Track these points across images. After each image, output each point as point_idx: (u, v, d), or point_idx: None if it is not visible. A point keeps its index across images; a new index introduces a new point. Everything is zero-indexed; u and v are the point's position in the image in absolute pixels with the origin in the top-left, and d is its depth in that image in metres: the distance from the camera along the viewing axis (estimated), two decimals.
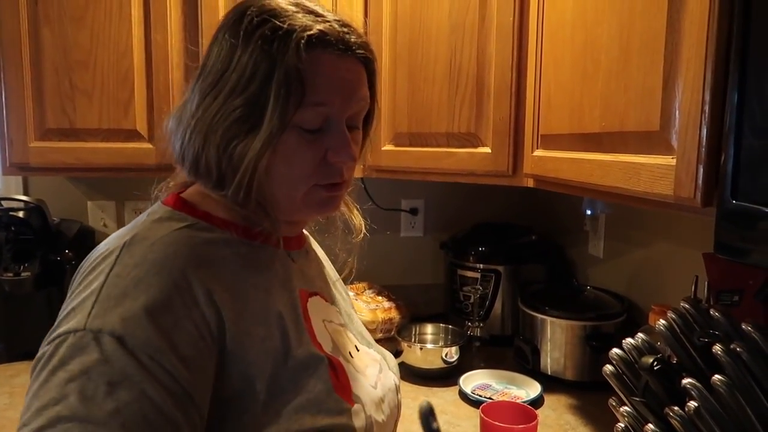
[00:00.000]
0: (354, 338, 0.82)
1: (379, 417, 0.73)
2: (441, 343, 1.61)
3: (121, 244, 0.63)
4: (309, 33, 0.64)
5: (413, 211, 1.95)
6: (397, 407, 0.82)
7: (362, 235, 0.83)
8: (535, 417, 1.02)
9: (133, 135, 1.50)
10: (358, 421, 0.68)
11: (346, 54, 0.67)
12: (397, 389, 0.83)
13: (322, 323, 0.75)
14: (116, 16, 1.45)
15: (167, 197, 0.72)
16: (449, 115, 1.40)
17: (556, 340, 1.45)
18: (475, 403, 1.34)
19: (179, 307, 0.59)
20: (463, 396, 1.39)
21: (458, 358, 1.49)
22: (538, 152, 1.23)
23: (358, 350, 0.80)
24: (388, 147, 1.49)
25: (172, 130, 0.72)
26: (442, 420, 1.28)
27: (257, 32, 0.64)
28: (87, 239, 1.71)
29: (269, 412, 0.63)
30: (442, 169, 1.42)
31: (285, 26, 0.64)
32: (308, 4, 0.68)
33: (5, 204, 1.53)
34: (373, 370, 0.79)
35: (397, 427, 0.83)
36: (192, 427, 0.58)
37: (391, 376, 0.83)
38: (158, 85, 1.49)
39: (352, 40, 0.68)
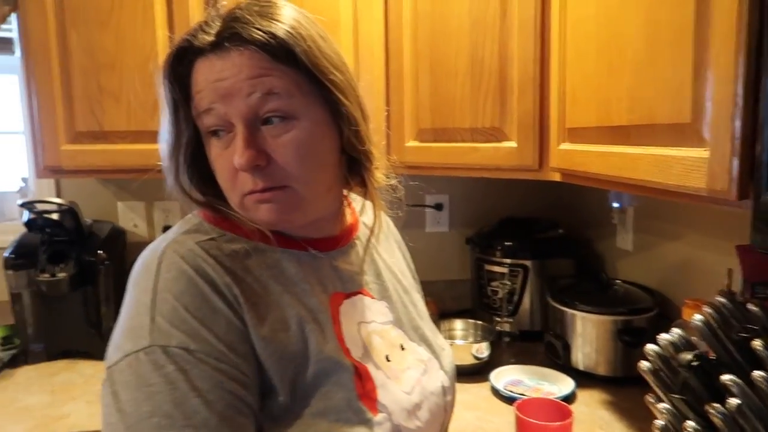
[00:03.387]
0: (401, 336, 0.80)
1: (412, 424, 0.72)
2: (471, 339, 1.61)
3: (156, 259, 0.66)
4: (170, 53, 0.67)
5: (438, 207, 1.94)
6: (444, 409, 0.80)
7: (372, 238, 0.80)
8: (569, 414, 1.01)
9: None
10: (381, 431, 0.67)
11: (222, 53, 0.65)
12: (445, 391, 0.81)
13: (355, 326, 0.74)
14: (140, 18, 1.47)
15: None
16: (473, 110, 1.39)
17: (587, 335, 1.43)
18: (507, 399, 1.33)
19: (225, 311, 0.64)
20: (495, 392, 1.38)
21: (488, 354, 1.49)
22: (565, 146, 1.21)
23: (403, 349, 0.78)
24: (413, 143, 1.49)
25: None
26: (473, 416, 1.28)
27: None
28: (118, 240, 1.75)
29: (290, 416, 0.64)
30: (467, 165, 1.41)
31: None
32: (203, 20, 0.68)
33: (40, 206, 1.56)
34: (413, 373, 0.76)
35: (447, 429, 0.82)
36: (257, 408, 0.64)
37: (439, 378, 0.80)
38: None
39: (210, 36, 0.65)
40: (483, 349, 1.49)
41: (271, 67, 0.65)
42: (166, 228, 1.83)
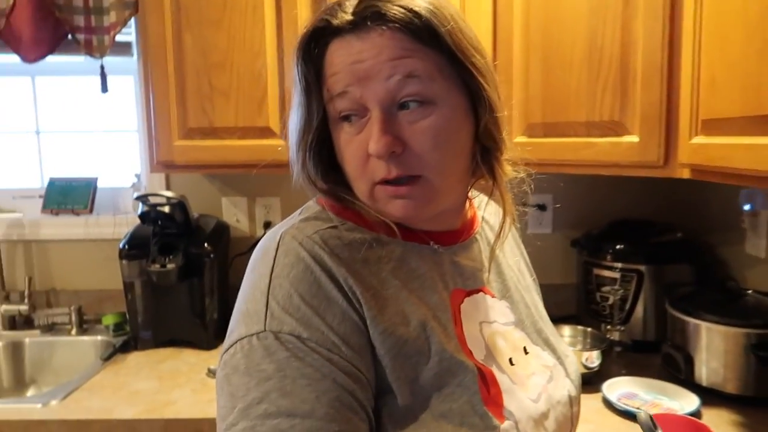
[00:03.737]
0: (524, 339, 0.75)
1: None
2: (580, 347, 1.51)
3: (275, 244, 0.65)
4: (305, 33, 0.65)
5: (541, 207, 1.85)
6: (571, 420, 0.74)
7: (498, 242, 0.75)
8: None
9: (266, 132, 1.54)
10: None
11: (361, 33, 0.62)
12: (572, 401, 0.74)
13: (477, 326, 0.70)
14: (251, 18, 1.50)
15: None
16: (589, 102, 1.30)
17: (714, 348, 1.30)
18: (622, 413, 1.23)
19: (340, 301, 0.61)
20: (608, 404, 1.28)
21: (599, 364, 1.39)
22: (698, 139, 1.10)
23: (526, 353, 0.73)
24: (521, 139, 1.42)
25: None
26: (586, 430, 1.19)
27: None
28: (223, 234, 1.79)
29: (410, 417, 0.61)
30: (581, 161, 1.32)
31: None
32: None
33: (152, 200, 1.63)
34: (538, 380, 0.71)
35: None
36: (371, 406, 0.60)
37: (565, 386, 0.74)
38: (289, 83, 1.52)
39: (348, 15, 0.62)
40: (594, 358, 1.39)
41: (414, 48, 0.61)
42: (267, 224, 1.87)
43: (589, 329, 1.54)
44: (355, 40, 0.62)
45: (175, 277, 1.61)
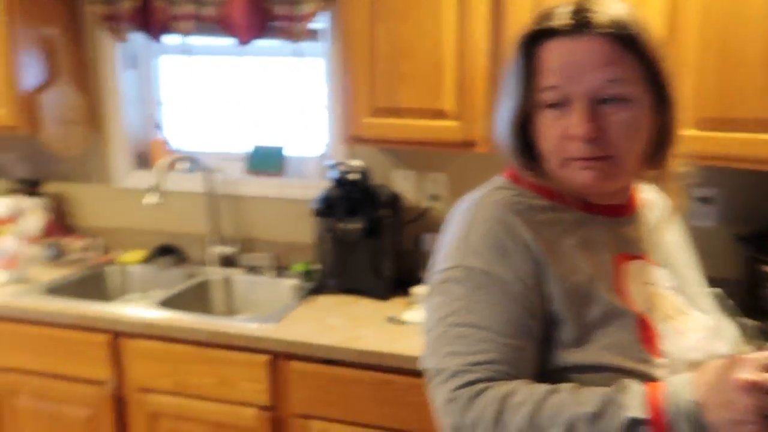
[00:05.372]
0: (684, 302, 0.85)
1: None
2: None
3: (474, 204, 0.84)
4: (527, 32, 0.79)
5: (705, 200, 1.86)
6: None
7: (662, 221, 0.88)
8: None
9: (443, 114, 1.72)
10: (660, 374, 0.74)
11: (575, 37, 0.75)
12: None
13: (639, 285, 0.82)
14: (434, 11, 1.67)
15: (507, 170, 0.89)
16: (765, 100, 1.34)
17: None
18: None
19: (517, 250, 0.79)
20: None
21: None
22: None
23: (686, 314, 0.84)
24: (692, 132, 1.47)
25: None
26: None
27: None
28: (397, 202, 2.02)
29: (578, 345, 0.77)
30: (754, 157, 1.38)
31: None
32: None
33: (341, 168, 1.90)
34: (696, 335, 0.81)
35: None
36: (538, 333, 0.77)
37: (721, 346, 0.83)
38: (466, 70, 1.68)
39: (566, 20, 0.75)
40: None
41: (618, 55, 0.75)
42: (433, 197, 2.06)
43: (757, 322, 1.58)
44: (569, 43, 0.76)
45: (358, 236, 1.88)
